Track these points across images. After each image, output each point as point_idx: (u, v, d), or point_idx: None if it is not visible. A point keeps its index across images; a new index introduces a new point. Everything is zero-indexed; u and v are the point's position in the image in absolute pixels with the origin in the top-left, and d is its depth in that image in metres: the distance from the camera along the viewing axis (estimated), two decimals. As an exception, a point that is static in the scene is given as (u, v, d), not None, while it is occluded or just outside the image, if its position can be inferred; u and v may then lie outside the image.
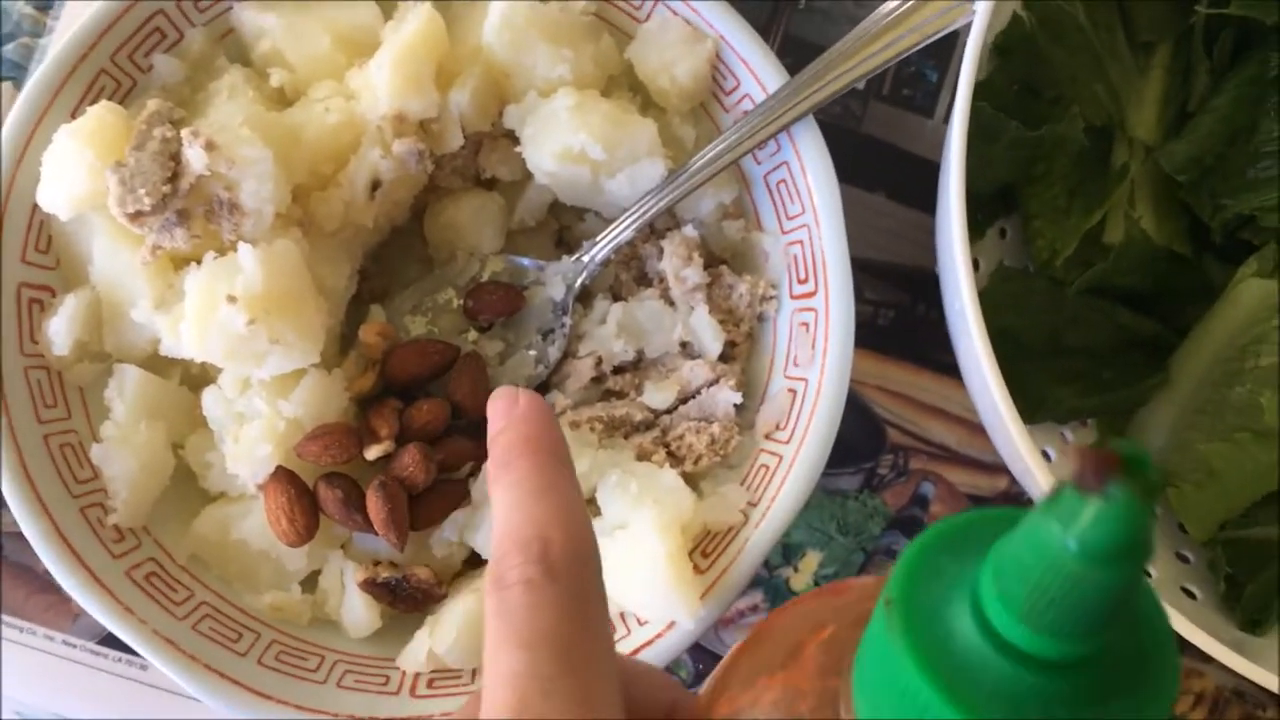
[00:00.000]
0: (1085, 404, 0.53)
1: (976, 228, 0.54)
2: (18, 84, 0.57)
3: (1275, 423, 0.48)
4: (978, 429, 0.57)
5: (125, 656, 0.54)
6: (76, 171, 0.44)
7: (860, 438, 0.57)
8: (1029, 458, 0.44)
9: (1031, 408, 0.53)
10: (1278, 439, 0.47)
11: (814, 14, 0.59)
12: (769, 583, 0.56)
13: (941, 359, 0.57)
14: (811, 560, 0.56)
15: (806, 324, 0.48)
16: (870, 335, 0.57)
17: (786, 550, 0.56)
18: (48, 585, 0.54)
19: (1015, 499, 0.57)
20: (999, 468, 0.57)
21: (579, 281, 0.50)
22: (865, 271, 0.58)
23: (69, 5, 0.58)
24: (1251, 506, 0.50)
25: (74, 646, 0.54)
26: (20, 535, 0.52)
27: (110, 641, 0.54)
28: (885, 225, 0.58)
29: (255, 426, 0.45)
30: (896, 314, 0.58)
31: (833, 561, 0.56)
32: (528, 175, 0.50)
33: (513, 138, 0.49)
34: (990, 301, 0.52)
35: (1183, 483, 0.51)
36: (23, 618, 0.54)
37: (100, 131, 0.45)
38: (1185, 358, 0.51)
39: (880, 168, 0.58)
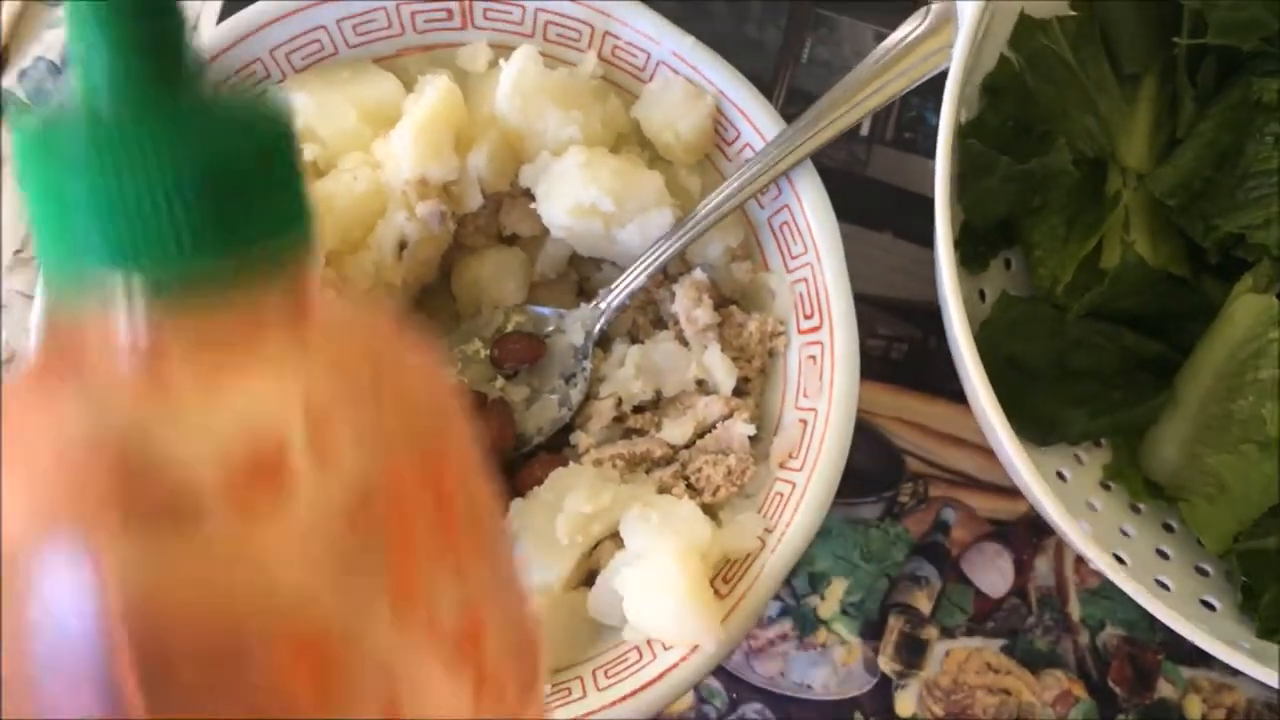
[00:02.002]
0: (1096, 425, 0.54)
1: (980, 260, 0.56)
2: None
3: (1277, 433, 0.49)
4: (994, 455, 0.59)
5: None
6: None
7: (880, 468, 0.59)
8: (1028, 477, 0.46)
9: (1044, 431, 0.55)
10: (1275, 449, 0.49)
11: (816, 66, 0.62)
12: (797, 611, 0.57)
13: (955, 389, 0.59)
14: (837, 588, 0.58)
15: (814, 357, 0.51)
16: (885, 369, 0.60)
17: (813, 579, 0.58)
18: None
19: (1035, 522, 0.59)
20: (1018, 492, 0.59)
21: (597, 327, 0.52)
22: (877, 308, 0.60)
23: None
24: (1263, 517, 0.51)
25: None
26: None
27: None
28: (893, 263, 0.60)
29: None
30: (910, 347, 0.60)
31: (858, 589, 0.58)
32: (546, 230, 0.53)
33: (530, 196, 0.52)
34: (995, 330, 0.54)
35: (1195, 497, 0.53)
36: None
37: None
38: (1190, 375, 0.53)
39: (886, 208, 0.61)
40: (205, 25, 0.62)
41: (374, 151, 0.51)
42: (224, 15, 0.62)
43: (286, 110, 0.22)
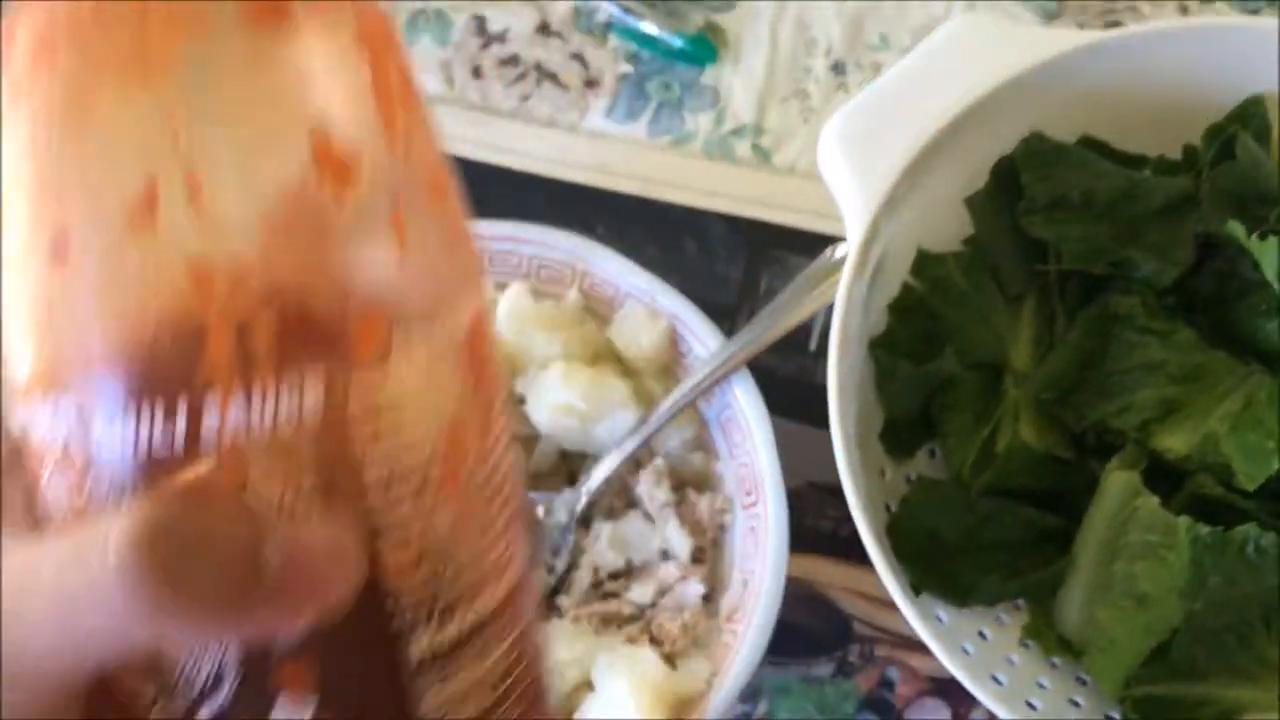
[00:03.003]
0: (1007, 589, 0.63)
1: (905, 449, 0.66)
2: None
3: (1147, 588, 0.58)
4: (932, 620, 0.68)
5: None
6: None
7: (829, 631, 0.67)
8: (931, 640, 0.55)
9: (962, 595, 0.63)
10: (1148, 601, 0.57)
11: (770, 296, 0.74)
12: (759, 760, 0.65)
13: (895, 562, 0.69)
14: (795, 739, 0.66)
15: (754, 528, 0.61)
16: (834, 545, 0.69)
17: (774, 731, 0.66)
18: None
19: (971, 680, 0.67)
20: (953, 653, 0.67)
21: (579, 508, 0.64)
22: (826, 493, 0.70)
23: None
24: (1149, 665, 0.59)
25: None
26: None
27: None
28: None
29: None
30: (853, 527, 0.70)
31: (813, 740, 0.66)
32: (537, 432, 0.65)
33: (523, 402, 0.64)
34: (915, 508, 0.64)
35: (1093, 649, 0.61)
36: None
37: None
38: (1081, 543, 0.62)
39: (831, 411, 0.72)
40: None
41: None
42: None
43: None
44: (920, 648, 0.68)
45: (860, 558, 0.70)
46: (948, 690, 0.67)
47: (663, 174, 0.78)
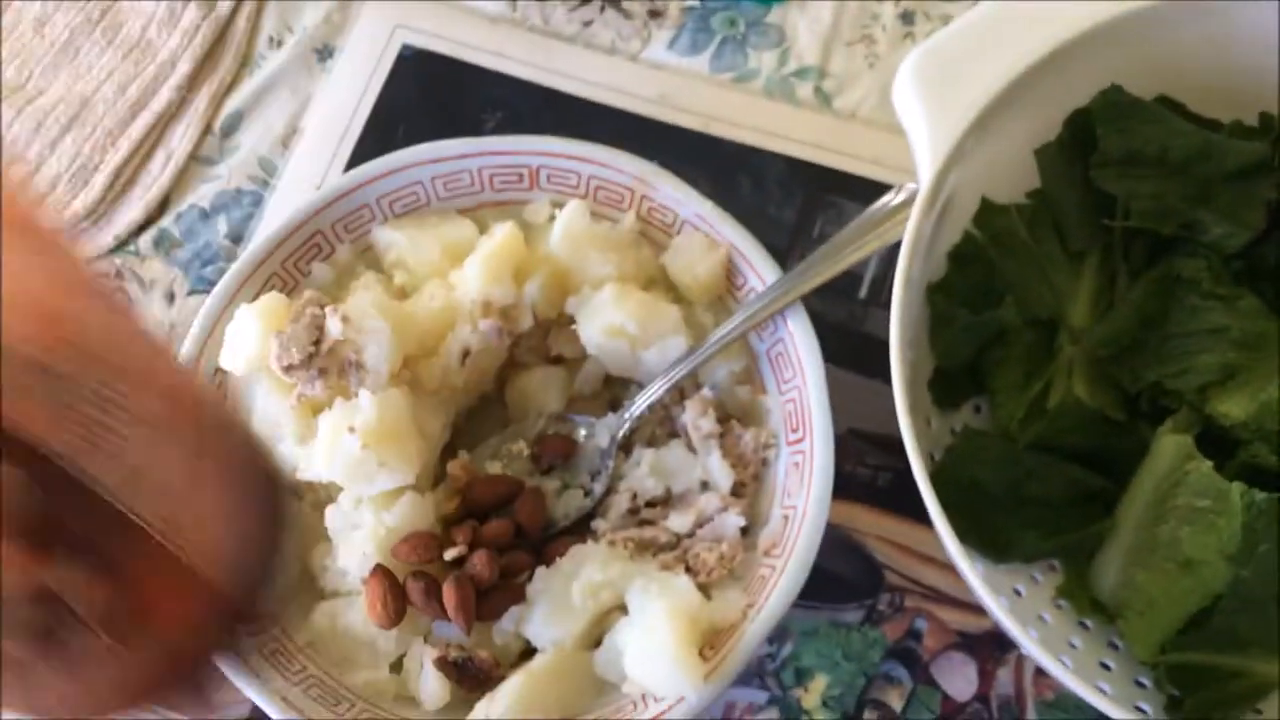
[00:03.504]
0: (1046, 546, 0.63)
1: (952, 400, 0.66)
2: (211, 294, 0.75)
3: (1193, 552, 0.57)
4: (964, 575, 0.67)
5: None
6: (250, 338, 0.60)
7: (862, 578, 0.67)
8: (984, 594, 0.54)
9: (1000, 549, 0.63)
10: (1194, 566, 0.56)
11: (824, 241, 0.73)
12: (783, 701, 0.65)
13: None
14: (820, 682, 0.65)
15: (798, 464, 0.60)
16: (871, 494, 0.69)
17: (799, 673, 0.65)
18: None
19: (999, 637, 0.66)
20: (983, 609, 0.66)
21: (621, 433, 0.63)
22: (867, 441, 0.70)
23: (255, 240, 0.76)
24: (1186, 631, 0.58)
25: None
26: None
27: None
28: (882, 405, 0.69)
29: (363, 532, 0.59)
30: (893, 476, 0.69)
31: (838, 684, 0.65)
32: (585, 354, 0.64)
33: (573, 323, 0.64)
34: (959, 457, 0.63)
35: (1130, 612, 0.60)
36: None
37: (268, 311, 0.61)
38: (1125, 505, 0.61)
39: (877, 359, 0.70)
40: (334, 173, 0.76)
41: (450, 278, 0.64)
42: (349, 166, 0.76)
43: None
44: (950, 601, 0.68)
45: (896, 507, 0.69)
46: (975, 645, 0.66)
47: (722, 110, 0.77)
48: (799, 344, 0.61)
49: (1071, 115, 0.63)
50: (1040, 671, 0.66)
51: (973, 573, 0.54)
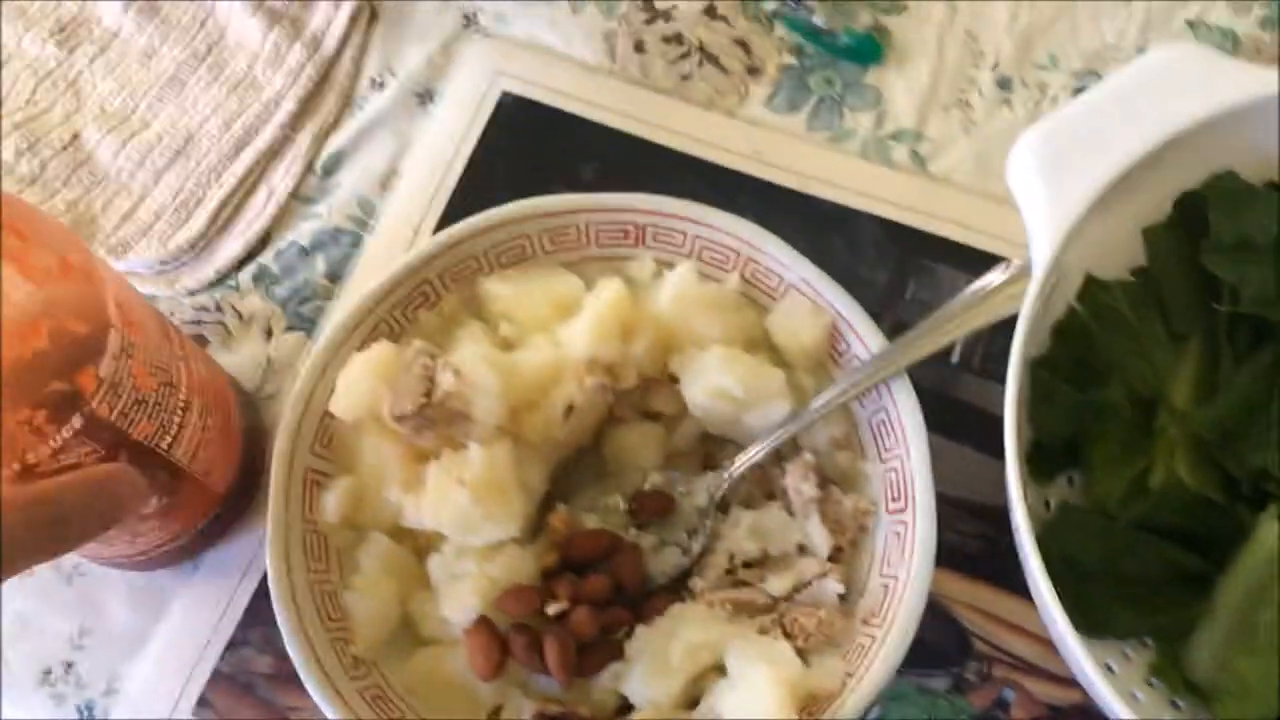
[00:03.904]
0: (1141, 625, 0.63)
1: (1048, 473, 0.66)
2: (308, 334, 0.76)
3: (1298, 640, 0.57)
4: (1053, 647, 0.67)
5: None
6: (361, 386, 0.61)
7: (949, 645, 0.67)
8: (1087, 665, 0.54)
9: (1096, 626, 0.63)
10: (1297, 653, 0.57)
11: (916, 304, 0.74)
12: (868, 766, 0.65)
13: (1021, 585, 0.68)
14: (905, 749, 0.65)
15: (899, 534, 0.61)
16: (960, 560, 0.69)
17: (884, 739, 0.66)
18: (284, 718, 0.67)
19: (1088, 711, 0.66)
20: (1072, 682, 0.66)
21: (719, 493, 0.64)
22: (956, 507, 0.70)
23: (352, 279, 0.77)
24: (1284, 716, 0.58)
25: (294, 771, 0.67)
26: (269, 676, 0.67)
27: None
28: (972, 471, 0.71)
29: (466, 583, 0.59)
30: (982, 543, 0.69)
31: (923, 751, 0.65)
32: (684, 411, 0.65)
33: (674, 381, 0.64)
34: (1057, 532, 0.63)
35: (1226, 696, 0.60)
36: (259, 742, 0.68)
37: (380, 360, 0.62)
38: (1224, 588, 0.61)
39: (968, 425, 0.71)
40: (432, 215, 0.77)
41: (556, 333, 0.64)
42: (439, 227, 0.77)
43: None
44: (1039, 673, 0.68)
45: (985, 575, 0.70)
46: (1063, 719, 0.66)
47: (817, 169, 0.78)
48: (903, 414, 0.61)
49: (1181, 197, 0.63)
50: (1127, 749, 0.66)
51: (1077, 643, 0.54)
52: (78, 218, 0.77)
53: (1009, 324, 0.62)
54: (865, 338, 0.63)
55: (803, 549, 0.62)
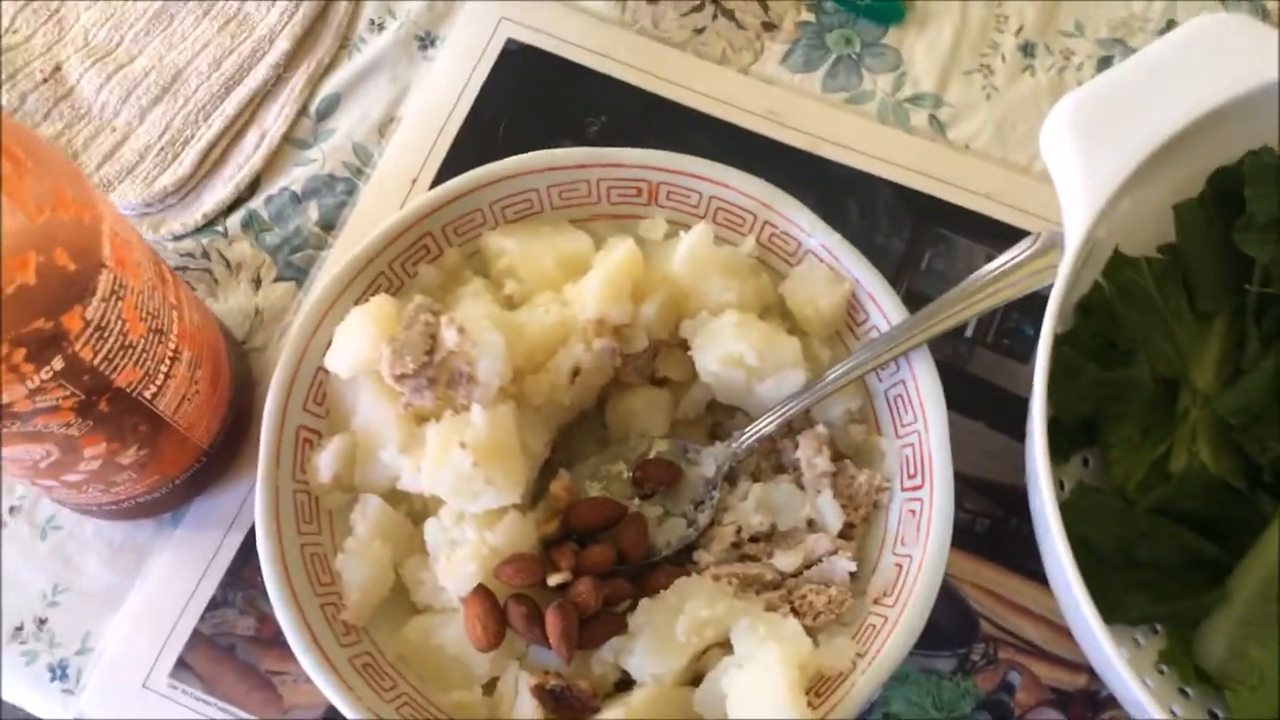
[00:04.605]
0: (1154, 611, 0.61)
1: (1063, 453, 0.64)
2: (299, 284, 0.73)
3: (1316, 632, 0.56)
4: (1060, 630, 0.66)
5: (318, 750, 0.64)
6: (360, 341, 0.58)
7: (956, 626, 0.66)
8: (1107, 647, 0.53)
9: (1107, 610, 0.61)
10: (1317, 645, 0.55)
11: (932, 275, 0.72)
12: (869, 746, 0.64)
13: (1029, 566, 0.67)
14: (908, 730, 0.64)
15: (914, 511, 0.59)
16: (968, 539, 0.67)
17: (887, 719, 0.64)
18: (266, 683, 0.65)
19: (1093, 696, 0.65)
20: (1079, 666, 0.65)
21: (727, 464, 0.61)
22: (966, 485, 0.68)
23: (346, 229, 0.74)
24: (1300, 708, 0.57)
25: (277, 737, 0.65)
26: (251, 639, 0.64)
27: (308, 735, 0.64)
28: (984, 448, 0.69)
29: (464, 550, 0.57)
30: (991, 523, 0.68)
31: (926, 733, 0.64)
32: (692, 377, 0.62)
33: (684, 346, 0.62)
34: (1071, 514, 0.61)
35: (1239, 686, 0.59)
36: (243, 708, 0.65)
37: (379, 315, 0.59)
38: (1240, 576, 0.60)
39: (982, 401, 0.69)
40: (430, 165, 0.74)
41: (564, 293, 0.62)
42: (438, 178, 0.74)
43: None
44: (1045, 656, 0.66)
45: (993, 555, 0.68)
46: (1068, 703, 0.65)
47: (832, 131, 0.75)
48: (922, 388, 0.59)
49: (1216, 173, 0.61)
50: (1132, 734, 0.65)
51: (1097, 625, 0.53)
52: (58, 155, 0.74)
53: (1025, 297, 0.60)
54: (885, 308, 0.61)
55: (812, 524, 0.60)
